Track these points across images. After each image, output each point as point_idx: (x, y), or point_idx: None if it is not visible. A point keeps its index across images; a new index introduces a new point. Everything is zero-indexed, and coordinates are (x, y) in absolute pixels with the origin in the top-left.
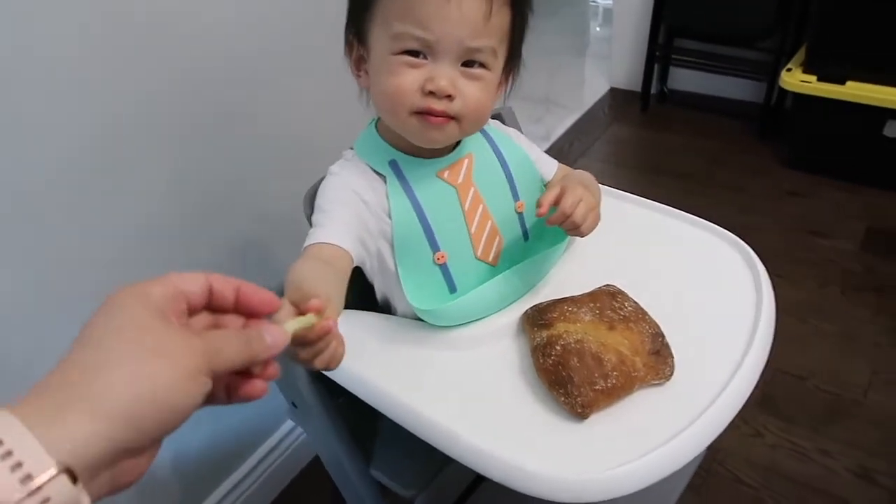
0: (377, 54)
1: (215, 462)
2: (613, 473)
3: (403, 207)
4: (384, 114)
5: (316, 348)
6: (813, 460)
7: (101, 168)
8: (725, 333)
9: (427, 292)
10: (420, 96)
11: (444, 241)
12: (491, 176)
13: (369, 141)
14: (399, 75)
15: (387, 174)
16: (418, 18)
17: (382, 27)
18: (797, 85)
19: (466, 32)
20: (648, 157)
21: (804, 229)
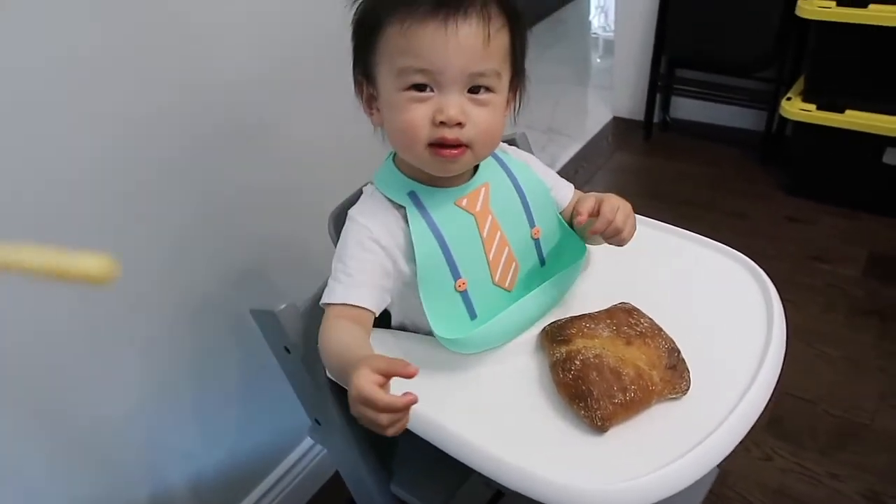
0: (385, 92)
1: (234, 481)
2: (630, 485)
3: (425, 236)
4: (400, 150)
5: (399, 416)
6: (823, 484)
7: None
8: (737, 352)
9: (449, 319)
10: (432, 128)
11: (464, 268)
12: (507, 203)
13: (388, 174)
14: (409, 111)
15: (406, 205)
16: (419, 52)
17: (387, 65)
18: (797, 113)
19: (468, 60)
20: (652, 184)
21: (806, 255)
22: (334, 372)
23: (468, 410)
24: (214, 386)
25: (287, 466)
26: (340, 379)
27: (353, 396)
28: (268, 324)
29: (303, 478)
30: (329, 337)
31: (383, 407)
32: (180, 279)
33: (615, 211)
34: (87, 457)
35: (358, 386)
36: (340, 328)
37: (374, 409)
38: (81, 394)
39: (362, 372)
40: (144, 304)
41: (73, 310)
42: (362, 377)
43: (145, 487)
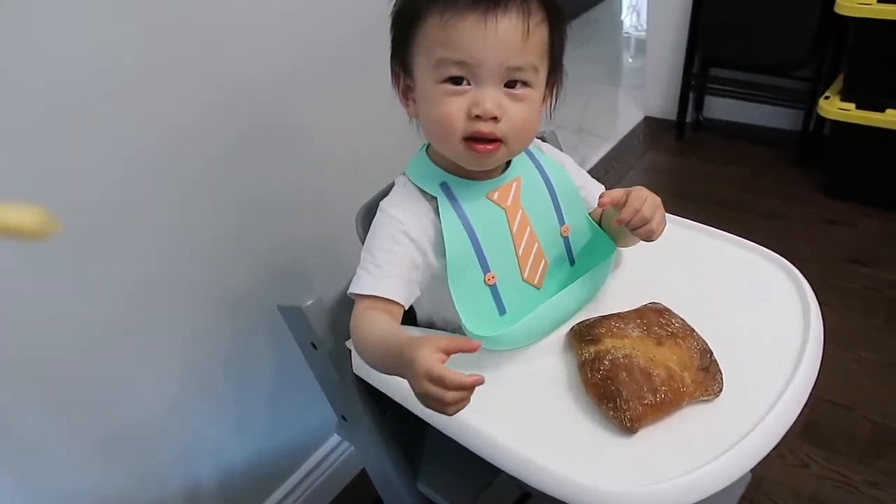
0: (422, 84)
1: (261, 477)
2: (659, 488)
3: (455, 228)
4: (435, 142)
5: (465, 395)
6: (861, 492)
7: (158, 182)
8: (772, 354)
9: (478, 314)
10: (467, 121)
11: (493, 262)
12: (538, 199)
13: (421, 165)
14: (445, 104)
15: (438, 196)
16: (457, 45)
17: (424, 56)
18: (836, 113)
19: (506, 54)
20: (684, 184)
21: (844, 258)
22: (377, 361)
23: (496, 410)
24: (246, 382)
25: (314, 463)
26: (385, 367)
27: (419, 374)
28: (294, 319)
29: (329, 475)
30: (366, 328)
31: (450, 384)
32: (216, 277)
33: (643, 201)
34: (121, 450)
35: (426, 363)
36: (376, 319)
37: (442, 387)
38: (119, 388)
39: (427, 350)
40: (180, 302)
41: (112, 304)
42: (429, 354)
43: (175, 481)
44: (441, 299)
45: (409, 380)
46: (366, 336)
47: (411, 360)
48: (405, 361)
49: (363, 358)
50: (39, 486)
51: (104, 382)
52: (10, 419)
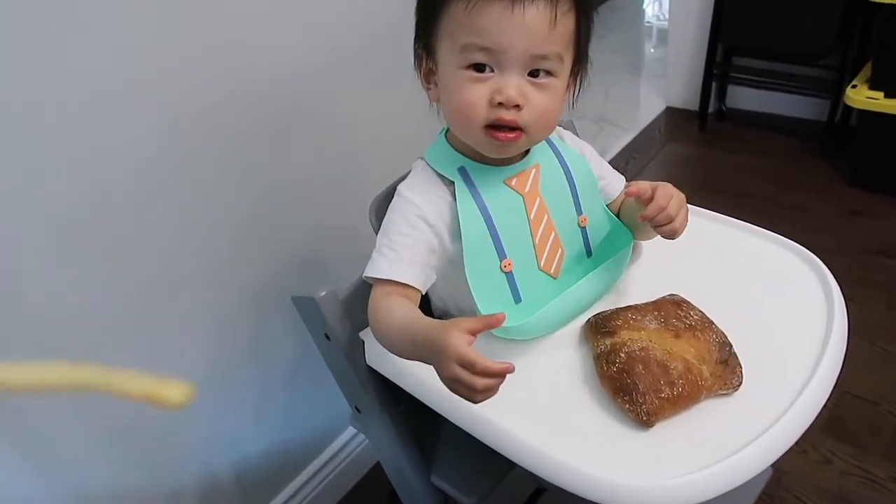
0: (445, 68)
1: (277, 468)
2: (676, 482)
3: (472, 212)
4: (456, 128)
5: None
6: (887, 489)
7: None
8: (794, 348)
9: (494, 301)
10: (489, 108)
11: (510, 248)
12: (556, 188)
13: (439, 149)
14: (467, 90)
15: (455, 180)
16: (483, 31)
17: (449, 41)
18: (863, 102)
19: (532, 42)
20: (706, 176)
21: (871, 250)
22: (398, 346)
23: (510, 402)
24: (263, 372)
25: (330, 454)
26: (406, 352)
27: (450, 357)
28: (308, 310)
29: (345, 466)
30: (386, 314)
31: (481, 369)
32: (233, 267)
33: (669, 198)
34: (137, 440)
35: (458, 347)
36: (395, 304)
37: (472, 372)
38: None
39: (457, 333)
40: (199, 292)
41: (131, 292)
42: (459, 338)
43: (191, 471)
44: (456, 285)
45: (437, 364)
46: (386, 321)
47: (441, 345)
48: (433, 346)
49: (383, 344)
50: (56, 477)
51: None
52: (27, 410)
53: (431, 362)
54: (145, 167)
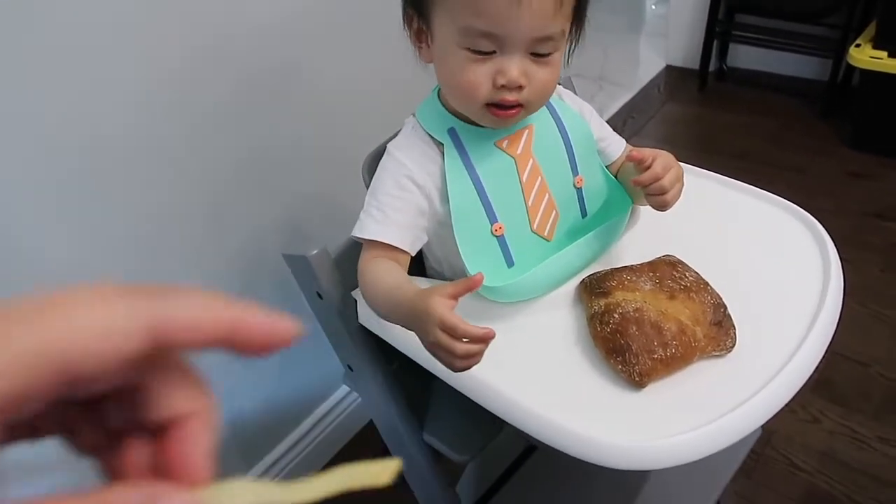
0: (442, 41)
1: (271, 425)
2: (667, 443)
3: (460, 175)
4: (454, 101)
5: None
6: (872, 448)
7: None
8: (789, 309)
9: (485, 264)
10: (492, 89)
11: (501, 212)
12: (550, 148)
13: (430, 109)
14: (468, 71)
15: (444, 142)
16: (487, 16)
17: (447, 15)
18: (867, 61)
19: (538, 25)
20: (704, 136)
21: (868, 212)
22: (385, 310)
23: (502, 362)
24: None
25: (325, 411)
26: (393, 317)
27: (432, 322)
28: (300, 268)
29: (339, 423)
30: (373, 277)
31: (462, 333)
32: (224, 225)
33: (667, 170)
34: None
35: (439, 310)
36: (383, 268)
37: (453, 336)
38: None
39: (438, 298)
40: (188, 249)
41: (119, 249)
42: (441, 302)
43: None
44: (450, 247)
45: (420, 330)
46: (373, 285)
47: (423, 311)
48: (417, 312)
49: (370, 306)
50: None
51: None
52: None
53: (415, 329)
54: (133, 125)
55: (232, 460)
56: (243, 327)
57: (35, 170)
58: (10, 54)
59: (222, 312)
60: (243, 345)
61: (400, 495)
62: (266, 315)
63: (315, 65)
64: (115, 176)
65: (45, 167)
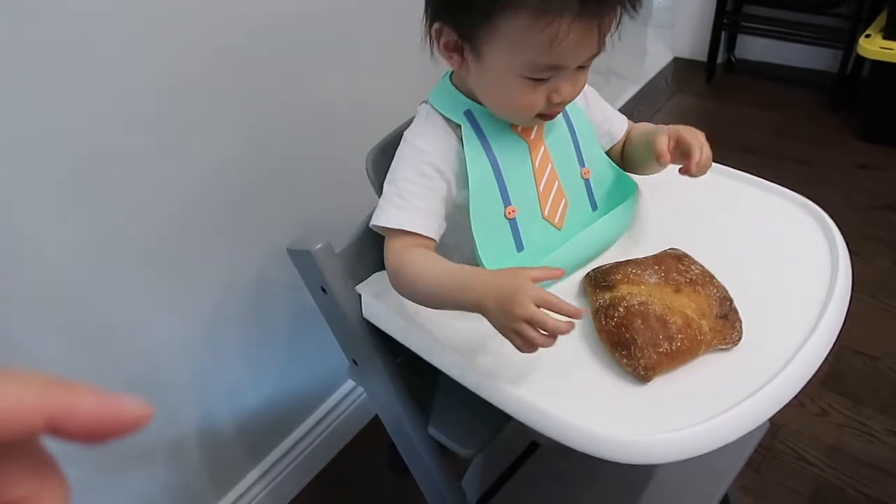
0: (496, 65)
1: (277, 420)
2: (673, 437)
3: (479, 157)
4: (499, 113)
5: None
6: (882, 441)
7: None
8: (796, 302)
9: (495, 248)
10: (547, 105)
11: (514, 195)
12: (559, 139)
13: (445, 92)
14: (526, 94)
15: (462, 124)
16: (556, 54)
17: (507, 47)
18: (877, 52)
19: (594, 51)
20: (712, 128)
21: (878, 204)
22: (439, 298)
23: (507, 357)
24: (264, 324)
25: (331, 405)
26: (450, 304)
27: (526, 298)
28: (304, 263)
29: (346, 417)
30: (416, 268)
31: (558, 308)
32: (230, 217)
33: (700, 150)
34: (135, 392)
35: (534, 289)
36: (426, 257)
37: (542, 329)
38: (134, 324)
39: (529, 289)
40: (195, 243)
41: (131, 244)
42: (532, 293)
43: (192, 422)
44: (461, 231)
45: (501, 309)
46: (422, 275)
47: (516, 288)
48: (504, 291)
49: (410, 295)
50: None
51: (115, 317)
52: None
53: (490, 309)
54: (135, 118)
55: (237, 457)
56: (67, 415)
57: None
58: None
59: (41, 399)
60: (70, 433)
61: (405, 490)
62: (100, 398)
63: (317, 64)
64: (122, 167)
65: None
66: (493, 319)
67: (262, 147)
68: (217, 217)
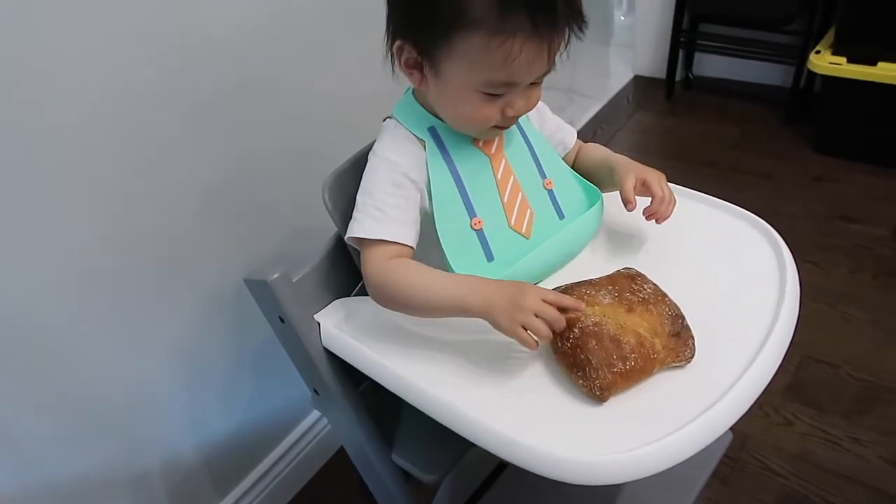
0: (454, 82)
1: (245, 450)
2: (630, 456)
3: (442, 172)
4: (456, 126)
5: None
6: (845, 449)
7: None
8: (748, 315)
9: (465, 258)
10: (501, 118)
11: (479, 207)
12: (518, 151)
13: (408, 108)
14: (482, 109)
15: (426, 139)
16: (512, 71)
17: (464, 65)
18: (827, 67)
19: (549, 65)
20: (673, 145)
21: (834, 215)
22: (433, 305)
23: (464, 381)
24: (230, 353)
25: (298, 435)
26: (447, 310)
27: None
28: (261, 293)
29: (314, 447)
30: (406, 276)
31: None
32: (192, 245)
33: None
34: (98, 424)
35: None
36: (410, 266)
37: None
38: (90, 352)
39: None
40: (155, 271)
41: (87, 272)
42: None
43: (157, 455)
44: (433, 242)
45: (507, 307)
46: (414, 283)
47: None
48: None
49: (400, 305)
50: (16, 466)
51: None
52: None
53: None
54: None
55: (203, 490)
56: None
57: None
58: None
59: None
60: None
61: None
62: None
63: (286, 75)
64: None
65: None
66: (500, 315)
67: (222, 168)
68: (180, 245)
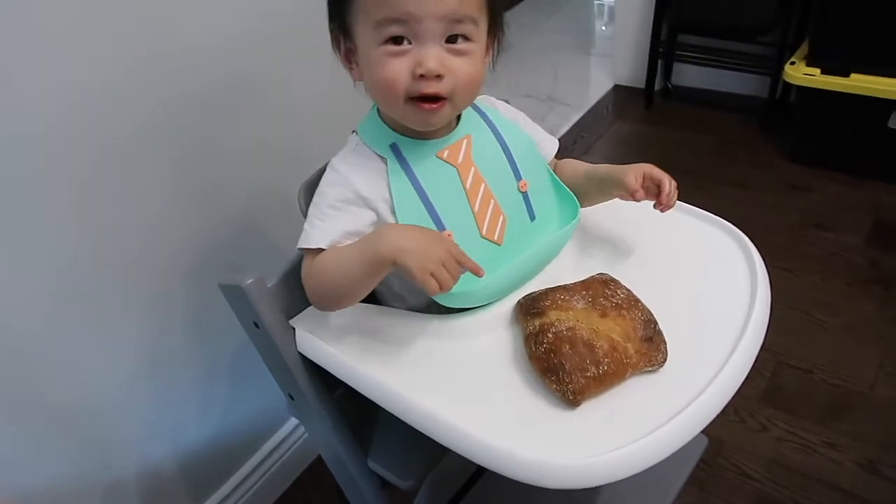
0: (363, 46)
1: (221, 459)
2: (604, 459)
3: (405, 189)
4: (381, 104)
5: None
6: (819, 453)
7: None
8: (719, 320)
9: None
10: (412, 81)
11: (448, 220)
12: (490, 156)
13: (371, 125)
14: (387, 66)
15: (388, 157)
16: (395, 2)
17: (363, 18)
18: (801, 78)
19: (445, 8)
20: (651, 153)
21: (808, 223)
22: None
23: (439, 386)
24: (204, 359)
25: (277, 441)
26: (371, 276)
27: (448, 244)
28: (236, 298)
29: (291, 454)
30: (325, 263)
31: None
32: (166, 251)
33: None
34: (71, 433)
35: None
36: (325, 254)
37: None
38: (63, 368)
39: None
40: (128, 278)
41: (58, 278)
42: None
43: (132, 465)
44: None
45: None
46: (329, 262)
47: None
48: (428, 237)
49: (331, 294)
50: None
51: (43, 362)
52: None
53: (409, 248)
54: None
55: (181, 499)
56: None
57: None
58: None
59: None
60: None
61: None
62: None
63: (262, 78)
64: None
65: None
66: (410, 258)
67: (203, 182)
68: (155, 250)
